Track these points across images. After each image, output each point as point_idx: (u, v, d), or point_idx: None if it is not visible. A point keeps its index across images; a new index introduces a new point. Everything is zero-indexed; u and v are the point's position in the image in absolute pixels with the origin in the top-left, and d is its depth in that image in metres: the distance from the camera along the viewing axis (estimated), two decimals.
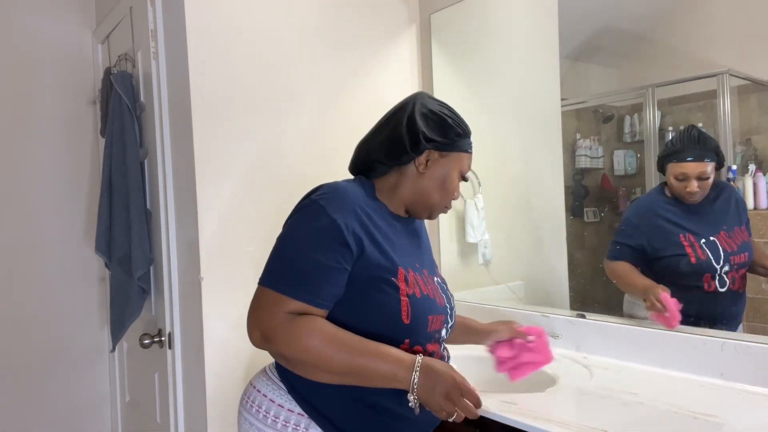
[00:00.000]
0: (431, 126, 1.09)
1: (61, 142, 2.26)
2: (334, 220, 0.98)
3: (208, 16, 1.64)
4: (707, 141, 1.49)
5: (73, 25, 2.29)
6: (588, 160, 1.81)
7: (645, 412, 1.23)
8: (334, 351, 0.95)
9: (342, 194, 1.03)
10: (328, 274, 0.97)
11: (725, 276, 1.49)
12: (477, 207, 2.06)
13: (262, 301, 0.98)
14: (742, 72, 1.46)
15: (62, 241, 2.26)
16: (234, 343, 1.67)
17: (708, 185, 1.50)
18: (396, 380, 0.97)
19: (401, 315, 1.02)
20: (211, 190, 1.64)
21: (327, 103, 1.91)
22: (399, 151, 1.08)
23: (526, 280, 1.98)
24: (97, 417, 2.36)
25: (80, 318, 2.31)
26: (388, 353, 0.97)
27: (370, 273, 1.01)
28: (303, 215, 1.02)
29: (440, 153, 1.10)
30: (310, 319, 0.96)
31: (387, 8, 2.10)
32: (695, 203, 1.53)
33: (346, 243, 0.98)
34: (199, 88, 1.62)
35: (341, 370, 0.96)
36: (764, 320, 1.42)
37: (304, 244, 0.98)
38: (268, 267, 1.01)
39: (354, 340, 0.97)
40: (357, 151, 1.17)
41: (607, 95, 1.80)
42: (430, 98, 1.14)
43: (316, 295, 0.97)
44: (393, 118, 1.12)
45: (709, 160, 1.48)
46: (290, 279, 0.96)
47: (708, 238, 1.51)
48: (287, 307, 0.95)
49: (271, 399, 1.07)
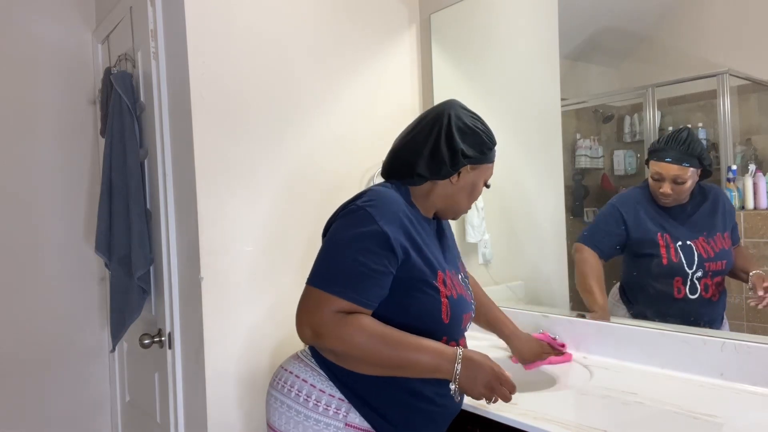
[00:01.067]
0: (467, 142, 1.16)
1: (61, 142, 2.26)
2: (381, 228, 1.04)
3: (208, 16, 1.64)
4: (693, 145, 1.47)
5: (73, 25, 2.29)
6: (588, 160, 1.81)
7: (645, 412, 1.23)
8: (381, 346, 1.02)
9: (387, 202, 1.09)
10: (374, 277, 1.03)
11: (697, 282, 1.49)
12: (477, 207, 2.06)
13: (312, 300, 1.03)
14: (742, 72, 1.46)
15: (62, 241, 2.26)
16: (234, 343, 1.67)
17: (683, 190, 1.50)
18: (439, 371, 1.06)
19: (441, 315, 1.11)
20: (211, 190, 1.64)
21: (326, 102, 1.91)
22: (440, 168, 1.15)
23: (526, 280, 1.98)
24: (97, 417, 2.36)
25: (80, 318, 2.31)
26: (431, 347, 1.06)
27: (414, 277, 1.09)
28: (350, 220, 1.07)
29: (472, 166, 1.19)
30: (357, 317, 1.02)
31: (387, 8, 2.10)
32: (667, 206, 1.54)
33: (392, 249, 1.05)
34: (199, 88, 1.62)
35: (387, 364, 1.04)
36: (764, 320, 1.42)
37: (352, 247, 1.04)
38: (317, 268, 1.06)
39: (398, 335, 1.04)
40: (394, 159, 1.22)
41: (607, 95, 1.80)
42: (462, 109, 1.21)
43: (362, 295, 1.02)
44: (431, 131, 1.17)
45: (688, 165, 1.47)
46: (339, 280, 1.02)
47: (684, 242, 1.51)
48: (336, 306, 1.01)
49: (312, 384, 1.12)
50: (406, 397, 1.11)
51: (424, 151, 1.16)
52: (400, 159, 1.20)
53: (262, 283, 1.73)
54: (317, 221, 1.86)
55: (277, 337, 1.76)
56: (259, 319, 1.72)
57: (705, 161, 1.48)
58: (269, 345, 1.74)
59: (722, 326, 1.49)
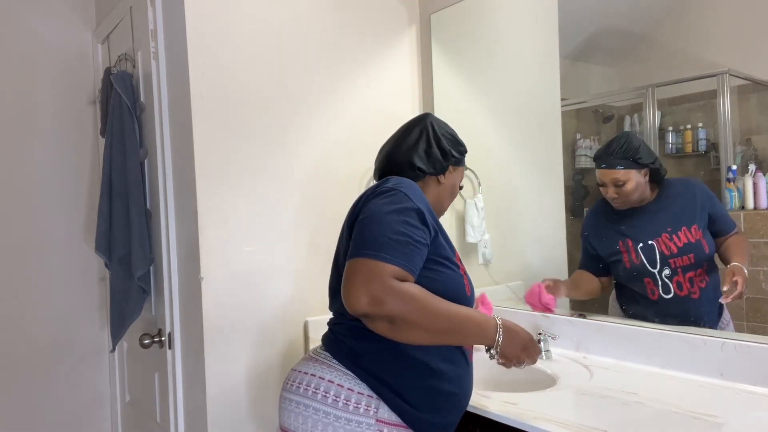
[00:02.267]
0: (450, 145, 1.34)
1: (61, 142, 2.26)
2: (417, 205, 1.12)
3: (208, 16, 1.64)
4: (626, 148, 1.54)
5: (73, 25, 2.29)
6: (588, 160, 1.81)
7: (645, 412, 1.23)
8: (435, 313, 1.06)
9: (414, 186, 1.19)
10: (418, 246, 1.09)
11: (668, 281, 1.51)
12: (477, 207, 2.06)
13: (366, 270, 1.04)
14: (742, 72, 1.46)
15: (62, 241, 2.26)
16: (234, 343, 1.67)
17: (628, 191, 1.55)
18: (486, 337, 1.14)
19: (465, 288, 1.20)
20: (211, 190, 1.64)
21: (326, 102, 1.91)
22: (436, 163, 1.31)
23: (526, 280, 1.98)
24: (97, 417, 2.36)
25: (80, 318, 2.31)
26: (476, 316, 1.14)
27: (440, 254, 1.16)
28: (387, 197, 1.13)
29: (454, 167, 1.36)
30: (411, 284, 1.06)
31: (387, 8, 2.10)
32: (622, 209, 1.60)
33: (427, 224, 1.13)
34: (199, 88, 1.62)
35: (441, 329, 1.08)
36: (764, 320, 1.42)
37: (395, 219, 1.09)
38: (362, 241, 1.08)
39: (447, 304, 1.09)
40: (389, 160, 1.33)
41: (607, 95, 1.80)
42: (438, 120, 1.38)
43: (411, 262, 1.06)
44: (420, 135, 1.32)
45: (622, 167, 1.53)
46: (389, 249, 1.05)
47: (646, 242, 1.55)
48: (391, 271, 1.03)
49: (339, 383, 1.13)
50: (430, 380, 1.14)
51: (419, 150, 1.31)
52: (396, 158, 1.32)
53: (262, 283, 1.73)
54: (317, 220, 1.86)
55: (278, 337, 1.76)
56: (260, 319, 1.72)
57: (642, 161, 1.53)
58: (270, 345, 1.74)
59: (720, 323, 1.48)
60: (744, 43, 1.46)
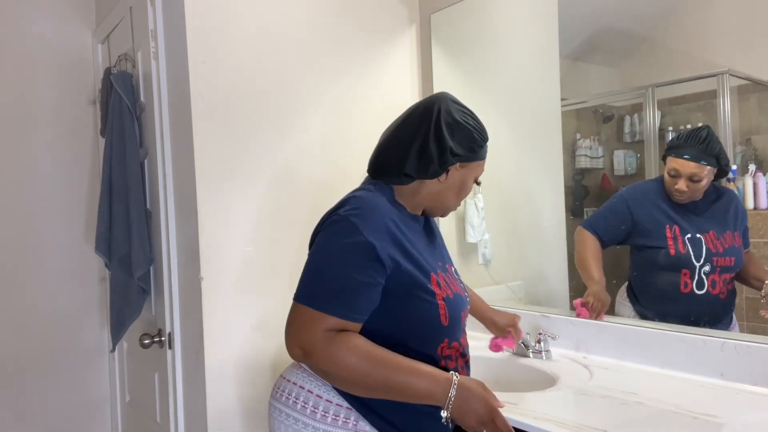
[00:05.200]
0: (456, 138, 1.11)
1: (61, 142, 2.26)
2: (367, 239, 1.00)
3: (208, 16, 1.64)
4: (712, 144, 1.47)
5: (73, 25, 2.29)
6: (588, 160, 1.81)
7: (645, 412, 1.23)
8: (372, 368, 0.99)
9: (372, 210, 1.05)
10: (362, 290, 1.00)
11: (704, 277, 1.48)
12: (477, 207, 2.06)
13: (300, 318, 1.00)
14: (742, 72, 1.46)
15: (62, 241, 2.26)
16: (234, 343, 1.67)
17: (699, 188, 1.50)
18: (432, 398, 1.01)
19: (440, 318, 1.08)
20: (211, 190, 1.64)
21: (326, 102, 1.91)
22: (427, 167, 1.11)
23: (526, 280, 1.98)
24: (97, 417, 2.36)
25: (80, 318, 2.31)
26: (424, 371, 1.01)
27: (407, 284, 1.05)
28: (335, 231, 1.03)
29: (461, 164, 1.15)
30: (348, 336, 0.99)
31: (387, 8, 2.10)
32: (681, 203, 1.53)
33: (380, 260, 1.01)
34: (199, 88, 1.62)
35: (378, 387, 1.00)
36: (764, 320, 1.42)
37: (338, 260, 1.01)
38: (303, 283, 1.04)
39: (391, 357, 1.01)
40: (380, 156, 1.17)
41: (607, 95, 1.80)
42: (453, 103, 1.15)
43: (351, 310, 1.00)
44: (419, 127, 1.12)
45: (706, 163, 1.47)
46: (326, 296, 0.99)
47: (694, 235, 1.50)
48: (325, 323, 0.98)
49: (318, 394, 1.09)
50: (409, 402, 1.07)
51: (411, 149, 1.11)
52: (386, 156, 1.15)
53: (262, 283, 1.73)
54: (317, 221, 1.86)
55: (278, 338, 1.76)
56: (260, 319, 1.72)
57: (722, 161, 1.47)
58: (270, 345, 1.74)
59: (731, 328, 1.48)
60: (744, 43, 1.46)
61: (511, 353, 1.72)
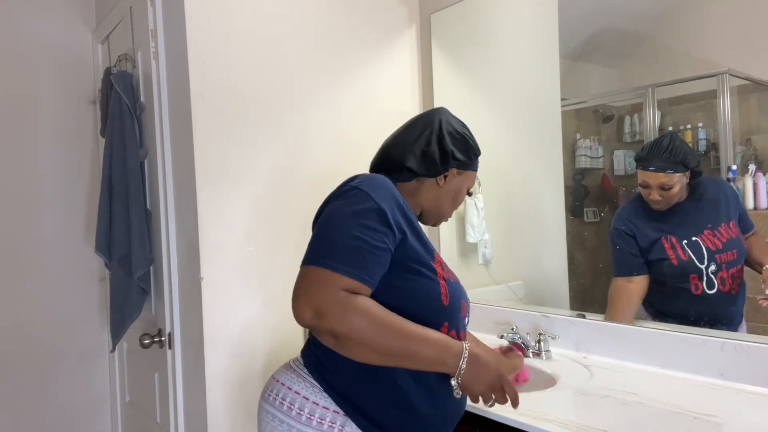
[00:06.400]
0: (457, 146, 1.20)
1: (61, 142, 2.26)
2: (379, 205, 1.02)
3: (208, 16, 1.64)
4: (675, 151, 1.49)
5: (73, 25, 2.29)
6: (588, 160, 1.81)
7: (645, 412, 1.23)
8: (386, 332, 0.97)
9: (381, 182, 1.08)
10: (375, 253, 0.99)
11: (713, 276, 1.48)
12: (477, 207, 2.06)
13: (313, 279, 0.96)
14: (742, 72, 1.46)
15: (62, 241, 2.26)
16: (234, 343, 1.67)
17: (672, 194, 1.52)
18: (444, 365, 1.01)
19: (441, 297, 1.07)
20: (211, 190, 1.64)
21: (326, 102, 1.91)
22: (431, 165, 1.18)
23: (526, 280, 1.98)
24: (97, 417, 2.36)
25: (80, 318, 2.31)
26: (437, 338, 1.02)
27: (411, 258, 1.06)
28: (347, 198, 1.04)
29: (459, 171, 1.22)
30: (361, 298, 0.97)
31: (387, 8, 2.10)
32: (662, 210, 1.55)
33: (390, 226, 1.02)
34: (199, 88, 1.62)
35: (391, 351, 0.98)
36: (764, 320, 1.42)
37: (351, 224, 1.00)
38: (315, 247, 1.01)
39: (403, 322, 1.00)
40: (383, 155, 1.23)
41: (607, 95, 1.80)
42: (452, 116, 1.25)
43: (365, 272, 0.98)
44: (422, 131, 1.20)
45: (672, 172, 1.50)
46: (341, 257, 0.97)
47: (690, 239, 1.51)
48: (340, 283, 0.95)
49: (305, 396, 1.07)
50: (401, 401, 1.06)
51: (415, 149, 1.18)
52: (390, 155, 1.20)
53: (262, 283, 1.73)
54: None
55: (278, 338, 1.76)
56: (260, 319, 1.72)
57: (690, 164, 1.50)
58: (270, 345, 1.74)
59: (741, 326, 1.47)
60: (744, 43, 1.46)
61: None
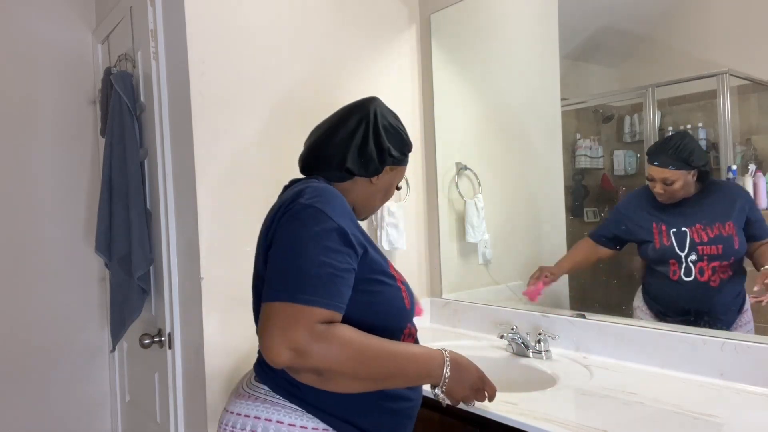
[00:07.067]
0: (392, 141, 1.15)
1: (61, 142, 2.26)
2: (338, 224, 0.96)
3: (208, 16, 1.64)
4: (681, 149, 1.54)
5: (73, 25, 2.29)
6: (588, 160, 1.81)
7: (645, 412, 1.23)
8: (371, 358, 0.94)
9: (332, 196, 1.01)
10: (344, 276, 0.94)
11: (692, 265, 1.55)
12: (477, 207, 2.06)
13: (285, 317, 0.89)
14: (742, 72, 1.46)
15: (62, 241, 2.26)
16: (234, 343, 1.67)
17: (675, 189, 1.57)
18: (429, 377, 1.03)
19: (404, 302, 1.07)
20: (211, 190, 1.64)
21: (326, 102, 1.90)
22: (368, 165, 1.13)
23: (526, 280, 1.98)
24: (97, 417, 2.36)
25: (80, 318, 2.31)
26: (420, 352, 1.02)
27: (373, 269, 1.03)
28: (302, 220, 0.96)
29: (392, 167, 1.17)
30: (339, 328, 0.92)
31: (387, 8, 2.10)
32: (664, 203, 1.61)
33: (353, 245, 0.97)
34: (199, 88, 1.62)
35: (378, 377, 0.97)
36: (764, 320, 1.42)
37: (314, 249, 0.93)
38: (278, 281, 0.93)
39: (385, 344, 0.98)
40: (316, 153, 1.15)
41: (607, 95, 1.80)
42: (385, 107, 1.18)
43: (338, 299, 0.93)
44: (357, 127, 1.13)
45: (675, 168, 1.55)
46: (311, 288, 0.90)
47: (680, 228, 1.58)
48: (315, 316, 0.89)
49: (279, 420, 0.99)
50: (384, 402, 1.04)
51: (351, 146, 1.11)
52: (324, 152, 1.13)
53: None
54: None
55: None
56: None
57: (695, 163, 1.53)
58: None
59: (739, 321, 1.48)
60: (744, 43, 1.46)
61: (511, 353, 1.72)
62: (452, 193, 2.13)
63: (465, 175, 2.11)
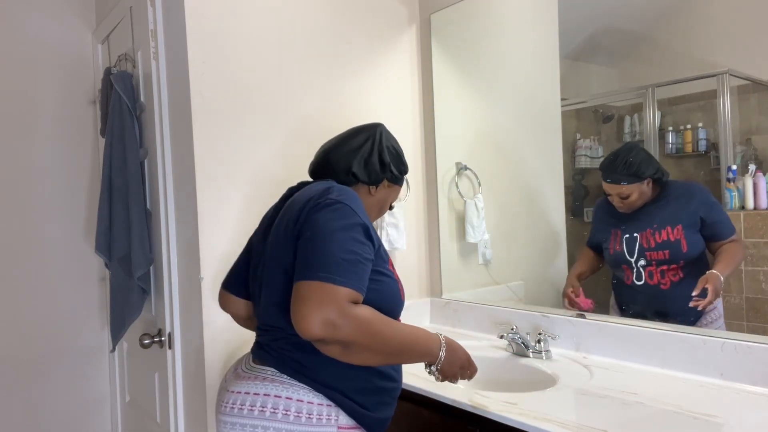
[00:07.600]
0: (393, 160, 1.31)
1: (61, 142, 2.26)
2: (363, 221, 1.10)
3: (208, 16, 1.64)
4: (628, 165, 1.61)
5: (73, 25, 2.29)
6: (588, 160, 1.81)
7: (645, 412, 1.23)
8: (390, 335, 1.07)
9: (356, 197, 1.15)
10: (367, 264, 1.08)
11: (642, 270, 1.62)
12: (477, 207, 2.06)
13: (320, 294, 1.00)
14: (742, 72, 1.46)
15: (62, 241, 2.26)
16: (234, 343, 1.67)
17: (631, 201, 1.63)
18: (429, 356, 1.17)
19: (400, 293, 1.21)
20: (211, 190, 1.64)
21: (327, 103, 1.91)
22: (372, 172, 1.28)
23: (526, 280, 1.98)
24: (97, 417, 2.36)
25: (80, 318, 2.31)
26: (422, 333, 1.16)
27: (380, 264, 1.15)
28: (334, 213, 1.09)
29: (389, 183, 1.33)
30: (363, 308, 1.04)
31: (387, 8, 2.10)
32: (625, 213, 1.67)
33: (372, 240, 1.11)
34: (199, 88, 1.62)
35: (392, 352, 1.10)
36: (764, 320, 1.42)
37: (344, 239, 1.06)
38: (314, 262, 1.04)
39: (396, 324, 1.10)
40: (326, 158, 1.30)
41: (607, 95, 1.80)
42: (388, 132, 1.35)
43: (362, 283, 1.05)
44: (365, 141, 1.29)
45: (627, 183, 1.61)
46: (342, 270, 1.03)
47: (632, 234, 1.65)
48: (347, 295, 1.01)
49: (292, 397, 1.10)
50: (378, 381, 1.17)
51: (358, 156, 1.27)
52: (335, 158, 1.28)
53: None
54: None
55: None
56: None
57: (645, 174, 1.60)
58: None
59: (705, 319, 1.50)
60: (744, 43, 1.46)
61: (511, 353, 1.72)
62: (452, 193, 2.14)
63: (465, 175, 2.11)
